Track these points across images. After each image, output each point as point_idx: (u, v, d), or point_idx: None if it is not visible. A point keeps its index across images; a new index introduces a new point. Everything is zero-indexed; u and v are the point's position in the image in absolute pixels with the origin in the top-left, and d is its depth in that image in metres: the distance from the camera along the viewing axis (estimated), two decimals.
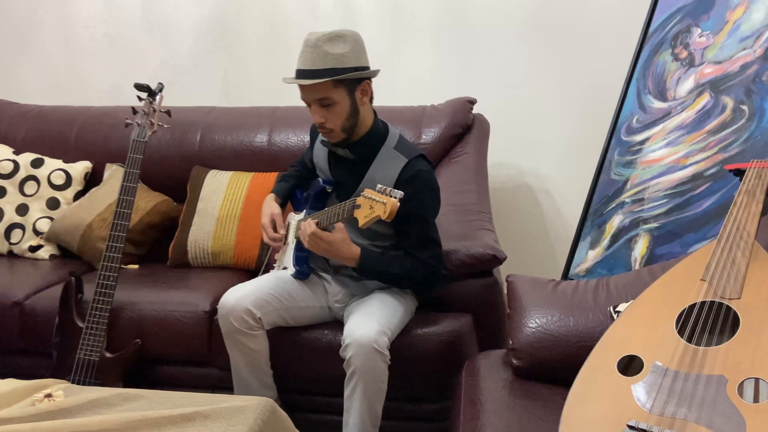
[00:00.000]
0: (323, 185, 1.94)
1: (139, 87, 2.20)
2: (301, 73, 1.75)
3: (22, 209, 2.56)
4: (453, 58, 2.86)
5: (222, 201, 2.46)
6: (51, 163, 2.63)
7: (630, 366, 1.21)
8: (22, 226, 2.54)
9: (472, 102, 2.58)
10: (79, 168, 2.63)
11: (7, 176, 2.59)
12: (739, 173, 1.50)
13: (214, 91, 3.03)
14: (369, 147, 1.87)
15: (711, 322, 1.19)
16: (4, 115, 2.81)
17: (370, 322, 1.71)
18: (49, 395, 1.43)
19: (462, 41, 2.84)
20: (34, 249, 2.53)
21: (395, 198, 1.55)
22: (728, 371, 1.10)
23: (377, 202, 1.55)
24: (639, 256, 2.16)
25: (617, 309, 1.45)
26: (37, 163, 2.62)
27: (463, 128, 2.54)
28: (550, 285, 1.62)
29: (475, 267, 1.98)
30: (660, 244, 2.10)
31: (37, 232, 2.54)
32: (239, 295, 1.84)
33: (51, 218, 2.55)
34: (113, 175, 2.59)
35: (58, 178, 2.60)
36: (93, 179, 2.65)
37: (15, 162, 2.62)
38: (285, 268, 2.04)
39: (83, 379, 2.00)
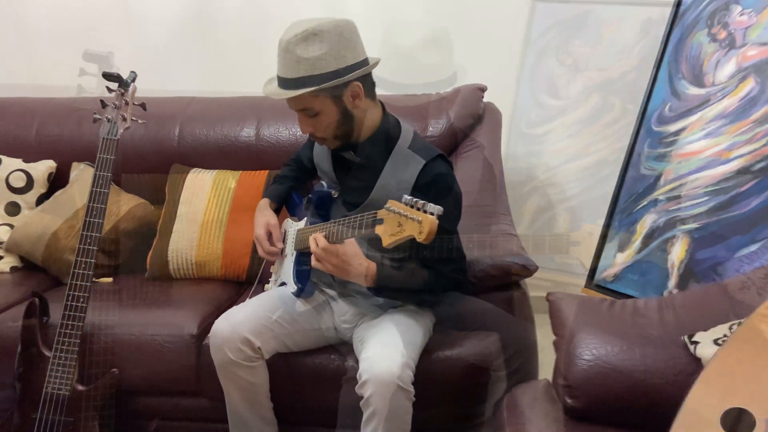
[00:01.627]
0: (328, 190, 1.68)
1: (108, 76, 1.90)
2: (278, 81, 1.52)
3: None
4: (449, 38, 2.62)
5: (206, 204, 2.20)
6: (9, 163, 2.36)
7: (732, 418, 0.99)
8: None
9: (483, 89, 2.34)
10: (42, 168, 2.37)
11: None
12: None
13: (193, 79, 2.77)
14: (378, 148, 1.61)
15: None
16: None
17: (391, 352, 1.46)
18: None
19: (460, 18, 2.60)
20: None
21: (433, 215, 1.26)
22: None
23: (409, 218, 1.26)
24: (677, 261, 1.95)
25: (693, 339, 1.22)
26: None
27: (474, 118, 2.31)
28: (603, 305, 1.39)
29: (502, 279, 1.74)
30: (702, 247, 1.90)
31: None
32: (235, 322, 1.59)
33: (11, 225, 2.28)
34: (81, 175, 2.33)
35: (18, 180, 2.34)
36: (58, 181, 2.39)
37: None
38: (283, 284, 1.78)
39: (52, 416, 1.74)
